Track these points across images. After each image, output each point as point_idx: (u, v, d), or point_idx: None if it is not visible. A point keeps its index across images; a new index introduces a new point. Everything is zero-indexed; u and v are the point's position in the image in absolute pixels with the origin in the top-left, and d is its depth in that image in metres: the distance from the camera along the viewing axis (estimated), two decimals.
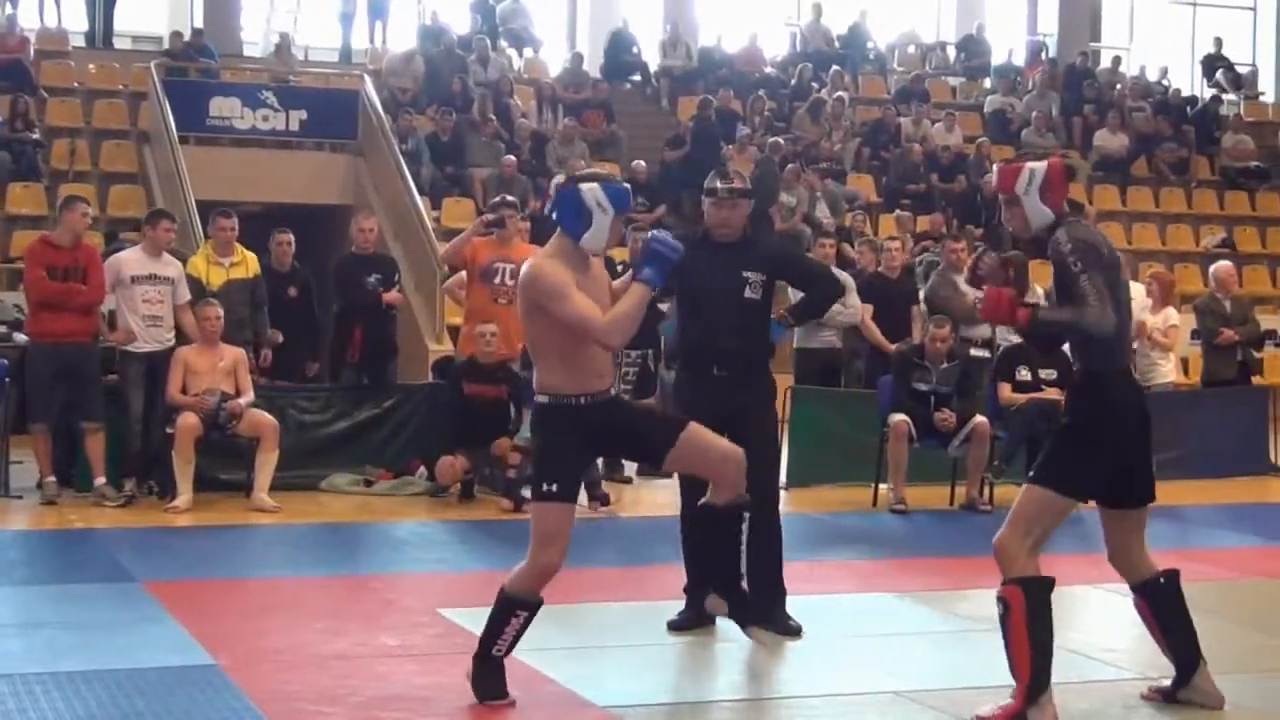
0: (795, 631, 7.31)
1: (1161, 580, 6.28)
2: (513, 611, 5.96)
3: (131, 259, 11.31)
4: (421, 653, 6.85)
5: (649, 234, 6.15)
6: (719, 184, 7.47)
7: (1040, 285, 15.77)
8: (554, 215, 5.99)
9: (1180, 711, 6.33)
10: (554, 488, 5.88)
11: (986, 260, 6.52)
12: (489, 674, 5.99)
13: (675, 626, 7.36)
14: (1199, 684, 6.28)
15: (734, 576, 6.40)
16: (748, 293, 7.40)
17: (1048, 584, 6.03)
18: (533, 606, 5.98)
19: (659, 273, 5.84)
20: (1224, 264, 15.07)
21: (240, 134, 18.83)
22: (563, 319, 5.77)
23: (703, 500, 6.30)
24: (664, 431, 6.14)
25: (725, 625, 7.36)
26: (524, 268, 5.96)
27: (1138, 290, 14.32)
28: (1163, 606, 6.29)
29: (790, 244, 10.31)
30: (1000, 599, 6.01)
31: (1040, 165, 6.05)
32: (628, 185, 6.27)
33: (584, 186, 5.91)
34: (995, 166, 6.31)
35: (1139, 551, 6.29)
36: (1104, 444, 5.99)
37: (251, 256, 11.94)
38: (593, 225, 5.86)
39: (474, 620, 6.40)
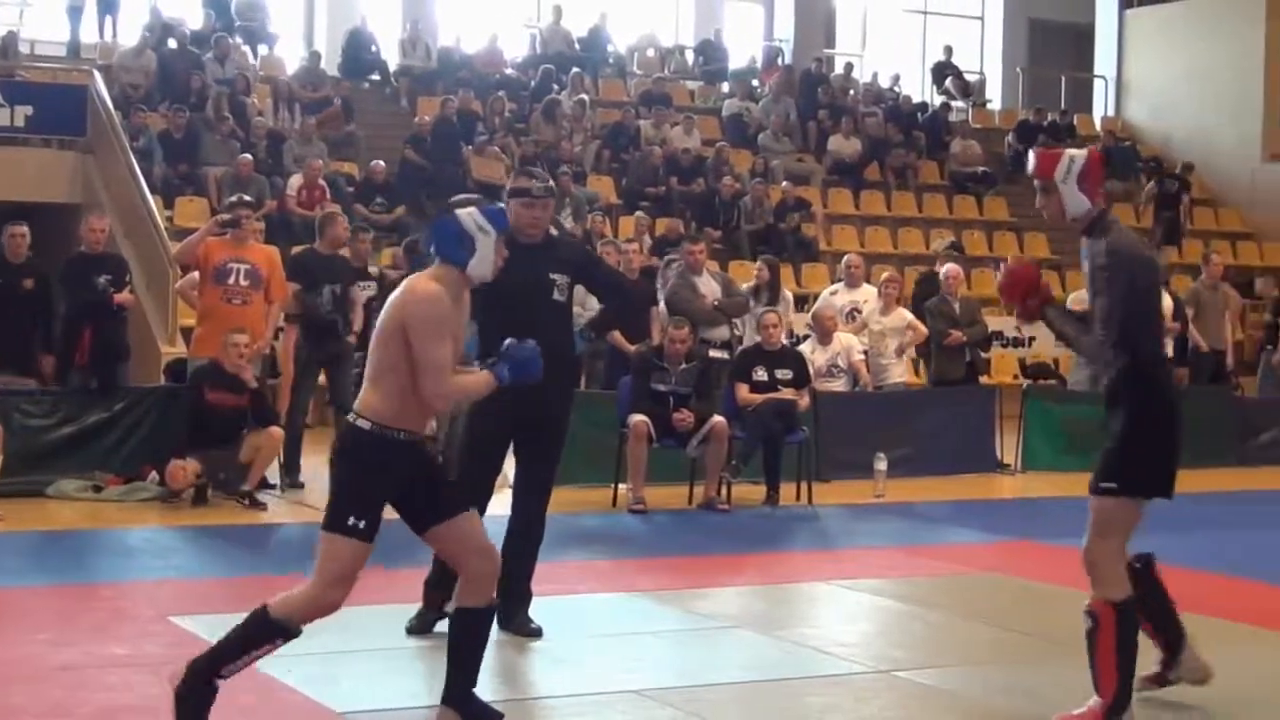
0: (536, 633, 7.31)
1: (1136, 566, 6.08)
2: (273, 637, 5.47)
3: None
4: (153, 662, 6.65)
5: (521, 343, 5.67)
6: (534, 183, 7.32)
7: (789, 290, 16.21)
8: (434, 249, 5.64)
9: (912, 704, 6.49)
10: (362, 524, 5.37)
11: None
12: (201, 702, 5.41)
13: (413, 630, 7.30)
14: (1186, 660, 6.22)
15: (471, 684, 5.77)
16: (555, 295, 7.29)
17: (1134, 604, 5.86)
18: (293, 637, 5.53)
19: (511, 374, 5.62)
20: (952, 266, 15.47)
21: None
22: (418, 355, 5.41)
23: (450, 605, 5.78)
24: (447, 502, 5.63)
25: None
26: (409, 284, 5.55)
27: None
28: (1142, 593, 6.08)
29: (587, 248, 10.27)
30: (1090, 613, 5.81)
31: (1080, 154, 5.99)
32: (502, 206, 6.00)
33: (461, 212, 5.61)
34: (1033, 152, 6.15)
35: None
36: (1167, 433, 5.89)
37: None
38: (477, 250, 5.57)
39: (207, 627, 6.27)
